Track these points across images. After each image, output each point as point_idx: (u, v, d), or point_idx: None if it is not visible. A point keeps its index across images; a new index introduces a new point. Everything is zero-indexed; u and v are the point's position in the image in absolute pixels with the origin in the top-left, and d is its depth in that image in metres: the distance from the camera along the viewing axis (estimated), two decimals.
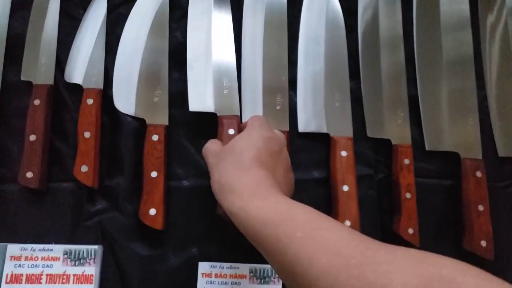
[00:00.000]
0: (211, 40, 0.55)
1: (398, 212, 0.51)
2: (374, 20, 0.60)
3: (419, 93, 0.58)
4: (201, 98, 0.53)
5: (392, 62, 0.58)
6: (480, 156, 0.55)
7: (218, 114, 0.52)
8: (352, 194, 0.50)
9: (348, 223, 0.49)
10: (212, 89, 0.53)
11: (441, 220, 0.54)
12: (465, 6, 0.61)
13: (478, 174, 0.54)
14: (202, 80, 0.54)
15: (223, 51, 0.55)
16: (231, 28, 0.57)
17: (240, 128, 0.50)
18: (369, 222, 0.53)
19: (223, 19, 0.57)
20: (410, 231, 0.50)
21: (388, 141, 0.55)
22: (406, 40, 0.59)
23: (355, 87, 0.57)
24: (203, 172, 0.51)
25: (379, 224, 0.53)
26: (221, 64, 0.55)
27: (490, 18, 0.62)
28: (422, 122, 0.57)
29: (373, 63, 0.58)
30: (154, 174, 0.50)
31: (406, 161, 0.53)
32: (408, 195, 0.52)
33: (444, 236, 0.54)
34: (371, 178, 0.54)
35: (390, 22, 0.60)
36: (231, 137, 0.48)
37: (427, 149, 0.56)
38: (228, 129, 0.50)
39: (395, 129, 0.55)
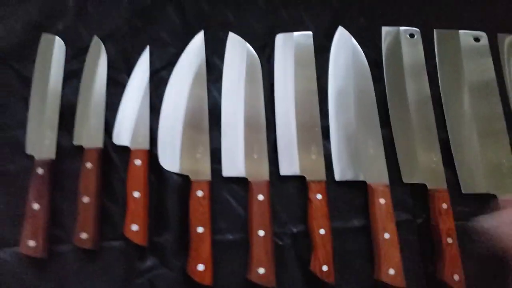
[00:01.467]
0: (242, 104, 0.59)
1: (441, 259, 0.52)
2: (398, 66, 0.62)
3: (449, 135, 0.60)
4: (233, 164, 0.56)
5: (419, 104, 0.60)
6: None
7: (249, 179, 0.54)
8: (394, 241, 0.51)
9: (392, 271, 0.50)
10: (243, 153, 0.56)
11: (486, 263, 0.54)
12: (487, 52, 0.63)
13: None
14: (234, 146, 0.57)
15: (252, 115, 0.58)
16: (261, 90, 0.60)
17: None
18: (412, 269, 0.53)
19: (255, 83, 0.60)
20: (456, 277, 0.50)
21: (424, 185, 0.56)
22: (431, 83, 0.62)
23: (387, 134, 0.59)
24: (245, 225, 0.53)
25: (423, 271, 0.53)
26: (251, 127, 0.58)
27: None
28: (456, 165, 0.58)
29: (402, 110, 0.60)
30: (200, 229, 0.52)
31: (444, 206, 0.54)
32: (449, 240, 0.52)
33: (489, 280, 0.53)
34: (410, 223, 0.55)
35: (414, 64, 0.62)
36: (261, 202, 0.52)
37: (463, 192, 0.57)
38: (258, 194, 0.53)
39: (429, 173, 0.57)
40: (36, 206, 0.52)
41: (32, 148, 0.56)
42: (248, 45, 0.62)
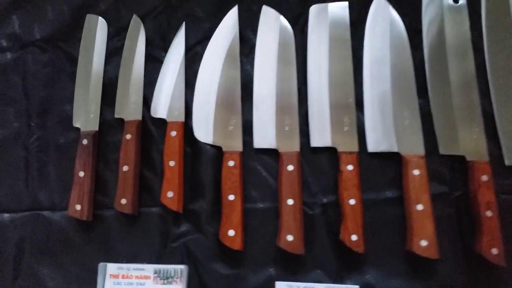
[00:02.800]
0: (274, 78, 0.59)
1: (480, 232, 0.49)
2: (440, 33, 0.59)
3: (493, 105, 0.56)
4: (264, 136, 0.57)
5: (461, 73, 0.57)
6: None
7: (279, 151, 0.55)
8: (427, 213, 0.50)
9: (424, 243, 0.49)
10: (274, 126, 0.56)
11: None
12: None
13: None
14: (266, 118, 0.58)
15: (284, 88, 0.59)
16: (294, 63, 0.60)
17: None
18: (449, 242, 0.51)
19: (288, 56, 0.60)
20: (494, 251, 0.48)
21: (463, 158, 0.54)
22: (476, 51, 0.58)
23: (424, 104, 0.57)
24: (275, 194, 0.54)
25: (460, 244, 0.51)
26: (283, 100, 0.58)
27: None
28: (500, 136, 0.55)
29: (441, 77, 0.57)
30: (231, 197, 0.53)
31: (484, 178, 0.51)
32: (489, 213, 0.50)
33: None
34: (447, 196, 0.53)
35: (457, 32, 0.59)
36: (290, 172, 0.52)
37: (506, 164, 0.54)
38: (287, 165, 0.53)
39: (469, 145, 0.54)
40: (82, 173, 0.57)
41: (78, 121, 0.60)
42: (282, 17, 0.62)
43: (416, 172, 0.52)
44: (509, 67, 0.57)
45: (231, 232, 0.52)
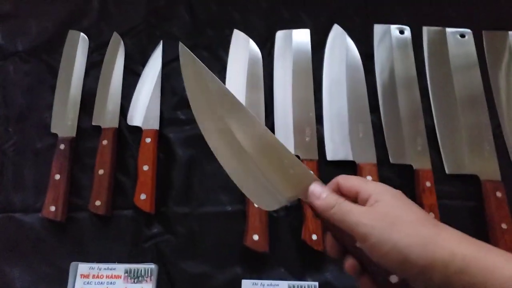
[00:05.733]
0: (244, 93, 0.65)
1: None
2: (389, 62, 0.68)
3: (435, 124, 0.64)
4: None
5: (408, 97, 0.65)
6: (499, 178, 0.59)
7: None
8: None
9: None
10: None
11: None
12: (472, 48, 0.68)
13: (499, 194, 0.58)
14: None
15: (253, 102, 0.64)
16: (261, 79, 0.66)
17: None
18: None
19: (256, 72, 0.66)
20: None
21: (410, 166, 0.61)
22: (420, 78, 0.67)
23: (376, 120, 0.64)
24: (242, 197, 0.59)
25: None
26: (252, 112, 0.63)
27: (496, 57, 0.68)
28: (441, 149, 0.62)
29: (391, 99, 0.65)
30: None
31: (428, 184, 0.58)
32: (431, 215, 0.56)
33: None
34: None
35: (404, 60, 0.68)
36: None
37: (447, 172, 0.61)
38: None
39: (415, 155, 0.61)
40: (57, 176, 0.59)
41: (56, 127, 0.63)
42: (251, 40, 0.69)
43: (369, 177, 0.58)
44: (447, 90, 0.66)
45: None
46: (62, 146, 0.61)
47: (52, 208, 0.58)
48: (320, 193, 0.35)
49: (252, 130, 0.39)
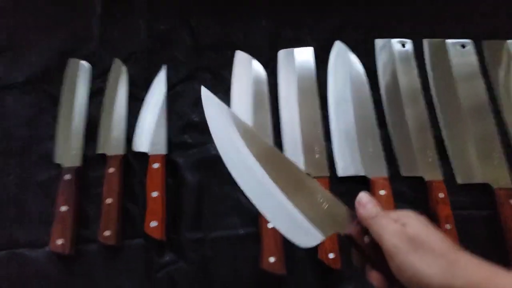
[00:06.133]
0: (251, 113, 0.64)
1: None
2: (393, 76, 0.68)
3: (443, 135, 0.64)
4: None
5: (414, 110, 0.65)
6: (511, 185, 0.59)
7: None
8: None
9: None
10: None
11: (485, 249, 0.56)
12: (473, 58, 0.69)
13: None
14: None
15: (259, 122, 0.64)
16: (267, 100, 0.66)
17: None
18: None
19: (261, 94, 0.66)
20: None
21: (421, 178, 0.60)
22: (425, 90, 0.67)
23: (384, 134, 0.64)
24: (255, 219, 0.57)
25: None
26: (260, 132, 0.62)
27: (497, 65, 0.69)
28: (450, 159, 0.62)
29: (398, 112, 0.65)
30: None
31: (441, 195, 0.58)
32: (448, 226, 0.56)
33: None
34: None
35: (408, 73, 0.68)
36: None
37: (458, 182, 0.60)
38: None
39: (426, 167, 0.61)
40: (64, 208, 0.57)
41: (60, 158, 0.62)
42: (255, 60, 0.69)
43: (382, 192, 0.58)
44: (452, 100, 0.66)
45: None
46: (67, 177, 0.59)
47: (60, 241, 0.56)
48: (366, 202, 0.38)
49: (286, 168, 0.40)
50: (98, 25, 0.72)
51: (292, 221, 0.38)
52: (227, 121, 0.42)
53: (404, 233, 0.33)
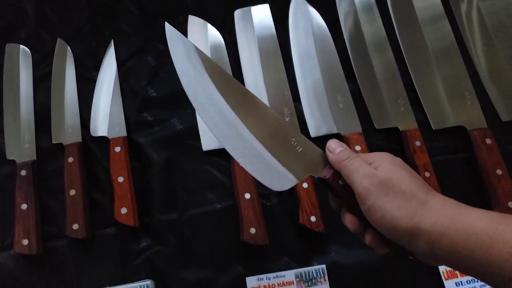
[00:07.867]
0: None
1: None
2: (357, 27, 0.65)
3: (413, 81, 0.62)
4: (211, 137, 0.56)
5: (382, 59, 0.63)
6: (485, 125, 0.58)
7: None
8: None
9: None
10: None
11: (465, 192, 0.56)
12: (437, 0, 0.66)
13: (488, 141, 0.57)
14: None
15: None
16: (227, 64, 0.62)
17: None
18: None
19: (220, 57, 0.62)
20: None
21: (396, 129, 0.58)
22: (390, 38, 0.64)
23: (354, 87, 0.61)
24: (231, 193, 0.55)
25: None
26: None
27: (463, 6, 0.67)
28: (423, 105, 0.60)
29: (365, 63, 0.63)
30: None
31: (418, 143, 0.56)
32: (427, 174, 0.54)
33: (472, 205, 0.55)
34: None
35: (372, 25, 0.65)
36: (242, 168, 0.48)
37: (433, 128, 0.59)
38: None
39: (399, 116, 0.59)
40: (24, 206, 0.53)
41: (13, 153, 0.57)
42: (209, 24, 0.64)
43: (357, 148, 0.56)
44: (419, 45, 0.64)
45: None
46: (23, 172, 0.55)
47: (25, 242, 0.52)
48: (335, 148, 0.36)
49: (257, 111, 0.38)
50: (32, 4, 0.65)
51: (264, 164, 0.36)
52: (194, 60, 0.38)
53: (376, 176, 0.33)
